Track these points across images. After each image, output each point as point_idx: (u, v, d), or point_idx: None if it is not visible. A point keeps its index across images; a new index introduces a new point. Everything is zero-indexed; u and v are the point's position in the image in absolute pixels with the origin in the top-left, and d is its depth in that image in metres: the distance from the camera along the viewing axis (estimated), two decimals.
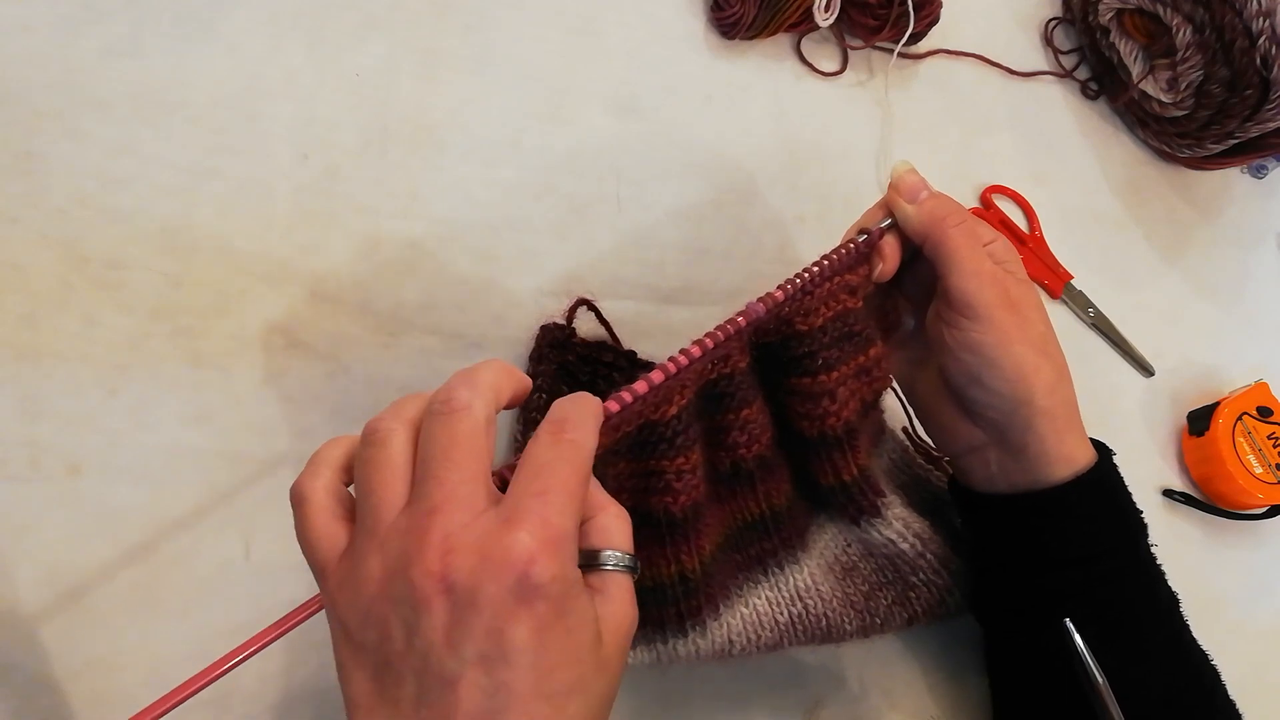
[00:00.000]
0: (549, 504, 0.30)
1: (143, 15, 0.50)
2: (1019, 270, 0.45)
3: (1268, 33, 0.59)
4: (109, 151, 0.47)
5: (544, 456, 0.31)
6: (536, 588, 0.29)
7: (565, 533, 0.30)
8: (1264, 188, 0.76)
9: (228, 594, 0.43)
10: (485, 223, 0.52)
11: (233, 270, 0.47)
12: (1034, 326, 0.43)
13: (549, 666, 0.29)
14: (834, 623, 0.44)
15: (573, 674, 0.30)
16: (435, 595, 0.29)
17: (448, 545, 0.29)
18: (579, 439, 0.32)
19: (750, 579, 0.44)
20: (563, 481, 0.31)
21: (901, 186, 0.45)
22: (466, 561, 0.29)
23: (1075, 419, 0.44)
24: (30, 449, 0.42)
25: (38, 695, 0.40)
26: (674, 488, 0.38)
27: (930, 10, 0.64)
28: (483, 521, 0.30)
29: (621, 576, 0.33)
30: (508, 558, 0.29)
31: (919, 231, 0.44)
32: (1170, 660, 0.42)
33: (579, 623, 0.30)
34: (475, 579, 0.29)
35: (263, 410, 0.46)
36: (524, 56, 0.57)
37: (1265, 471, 0.61)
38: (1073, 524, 0.43)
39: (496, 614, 0.29)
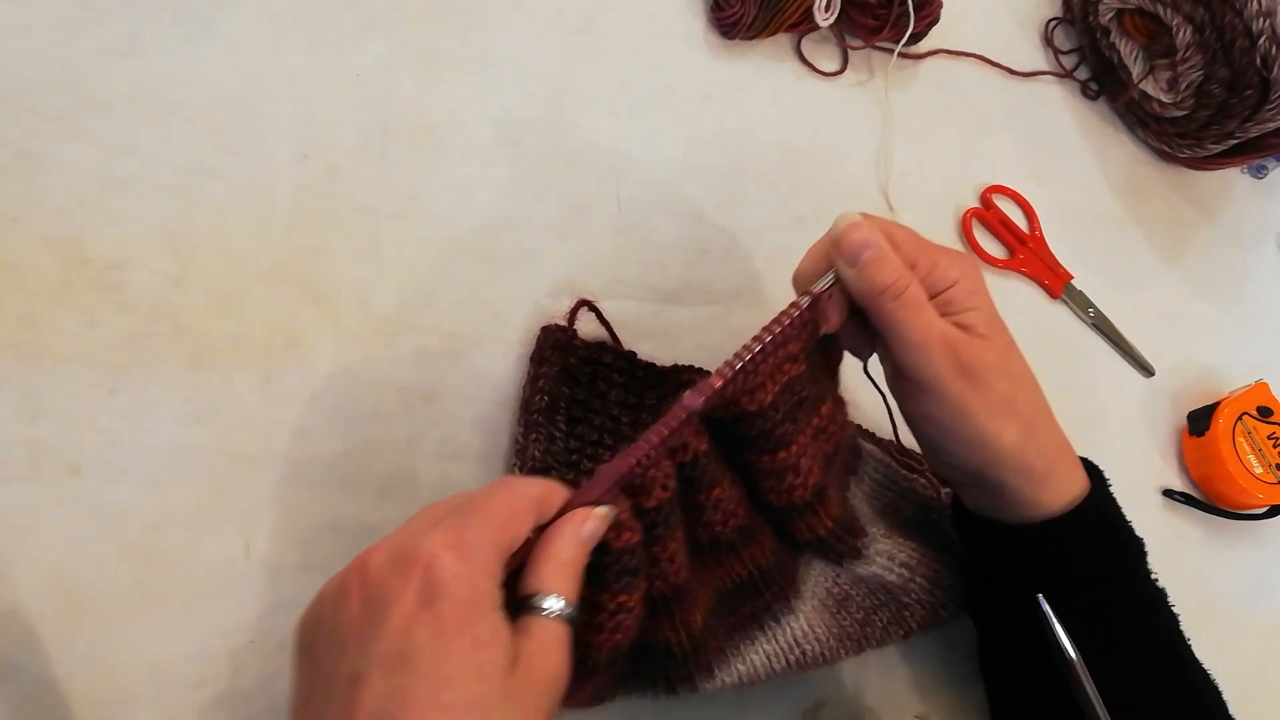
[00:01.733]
0: (468, 518, 0.32)
1: (143, 15, 0.50)
2: (981, 311, 0.41)
3: (1268, 33, 0.59)
4: (109, 152, 0.47)
5: (484, 490, 0.34)
6: (438, 584, 0.30)
7: (477, 543, 0.31)
8: (1264, 188, 0.76)
9: (227, 593, 0.43)
10: (485, 223, 0.52)
11: (233, 270, 0.47)
12: (993, 389, 0.40)
13: (446, 676, 0.29)
14: (831, 656, 0.44)
15: (472, 690, 0.29)
16: (354, 589, 0.31)
17: (376, 547, 0.32)
18: (520, 483, 0.35)
19: (747, 638, 0.44)
20: (490, 506, 0.33)
21: (842, 247, 0.40)
22: (381, 558, 0.31)
23: (1056, 461, 0.42)
24: (30, 449, 0.42)
25: (37, 695, 0.40)
26: (611, 625, 0.37)
27: (930, 10, 0.64)
28: (412, 531, 0.32)
29: (550, 623, 0.33)
30: (416, 554, 0.30)
31: (859, 299, 0.41)
32: (1169, 677, 0.42)
33: (487, 639, 0.30)
34: (383, 574, 0.31)
35: (262, 410, 0.46)
36: (524, 56, 0.57)
37: (1265, 471, 0.61)
38: (1067, 554, 0.42)
39: (403, 613, 0.30)
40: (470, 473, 0.47)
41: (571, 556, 0.34)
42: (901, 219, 0.62)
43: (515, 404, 0.49)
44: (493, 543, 0.32)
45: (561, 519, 0.35)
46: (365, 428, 0.47)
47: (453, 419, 0.48)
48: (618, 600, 0.36)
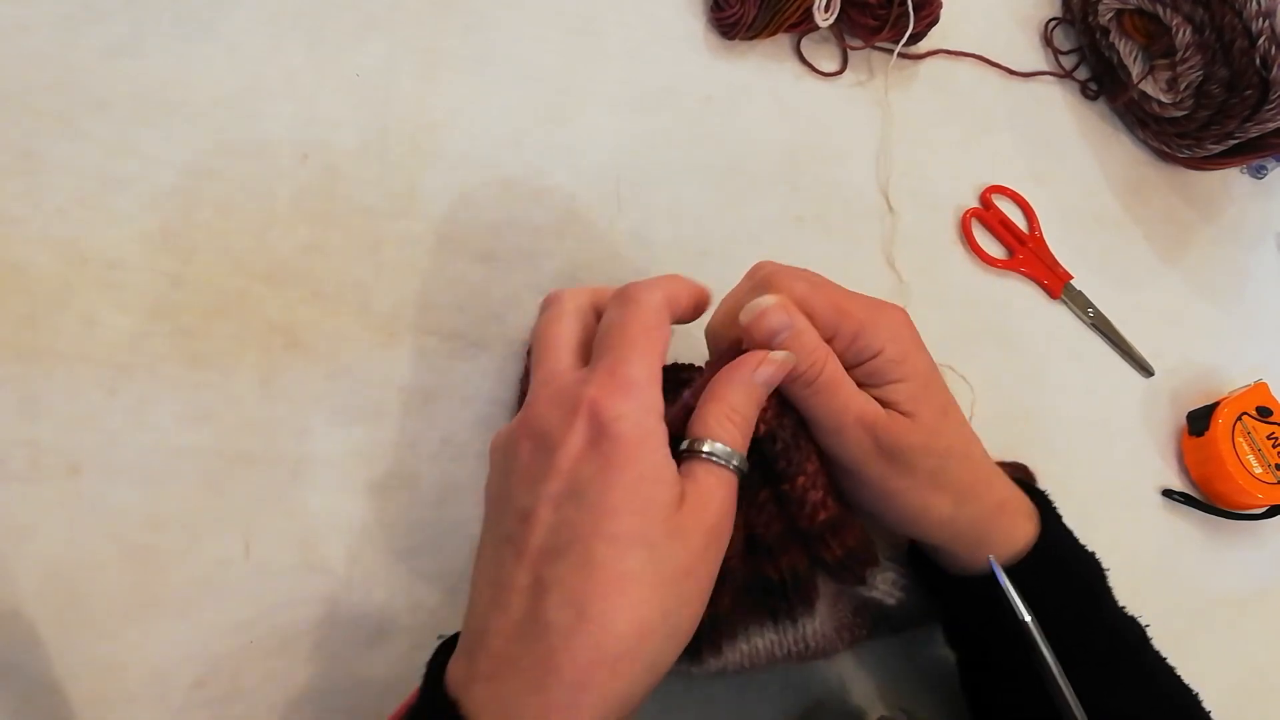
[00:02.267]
0: (615, 356, 0.33)
1: (143, 15, 0.50)
2: (907, 383, 0.38)
3: (1267, 33, 0.59)
4: (109, 151, 0.47)
5: (608, 321, 0.35)
6: (603, 426, 0.31)
7: (631, 379, 0.32)
8: (1263, 188, 0.76)
9: (227, 594, 0.43)
10: (485, 223, 0.52)
11: (232, 270, 0.47)
12: (917, 468, 0.38)
13: (610, 508, 0.30)
14: (830, 649, 0.44)
15: (636, 523, 0.30)
16: (521, 437, 0.33)
17: (536, 397, 0.34)
18: (639, 295, 0.35)
19: (758, 624, 0.44)
20: (626, 335, 0.34)
21: (753, 335, 0.37)
22: (544, 406, 0.33)
23: (993, 522, 0.40)
24: (30, 449, 0.42)
25: (37, 695, 0.40)
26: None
27: (930, 10, 0.64)
28: (571, 377, 0.34)
29: (716, 468, 0.33)
30: (580, 399, 0.32)
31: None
32: (1146, 701, 0.41)
33: (650, 474, 0.31)
34: (550, 420, 0.32)
35: (262, 410, 0.46)
36: (524, 56, 0.57)
37: (1265, 471, 0.61)
38: (1026, 598, 0.40)
39: (570, 454, 0.31)
40: (470, 473, 0.47)
41: (742, 402, 0.35)
42: (901, 219, 0.62)
43: (515, 404, 0.49)
44: (648, 374, 0.33)
45: (735, 362, 0.36)
46: (365, 428, 0.47)
47: (453, 419, 0.48)
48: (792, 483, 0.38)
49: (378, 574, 0.45)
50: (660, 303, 0.35)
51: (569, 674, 0.29)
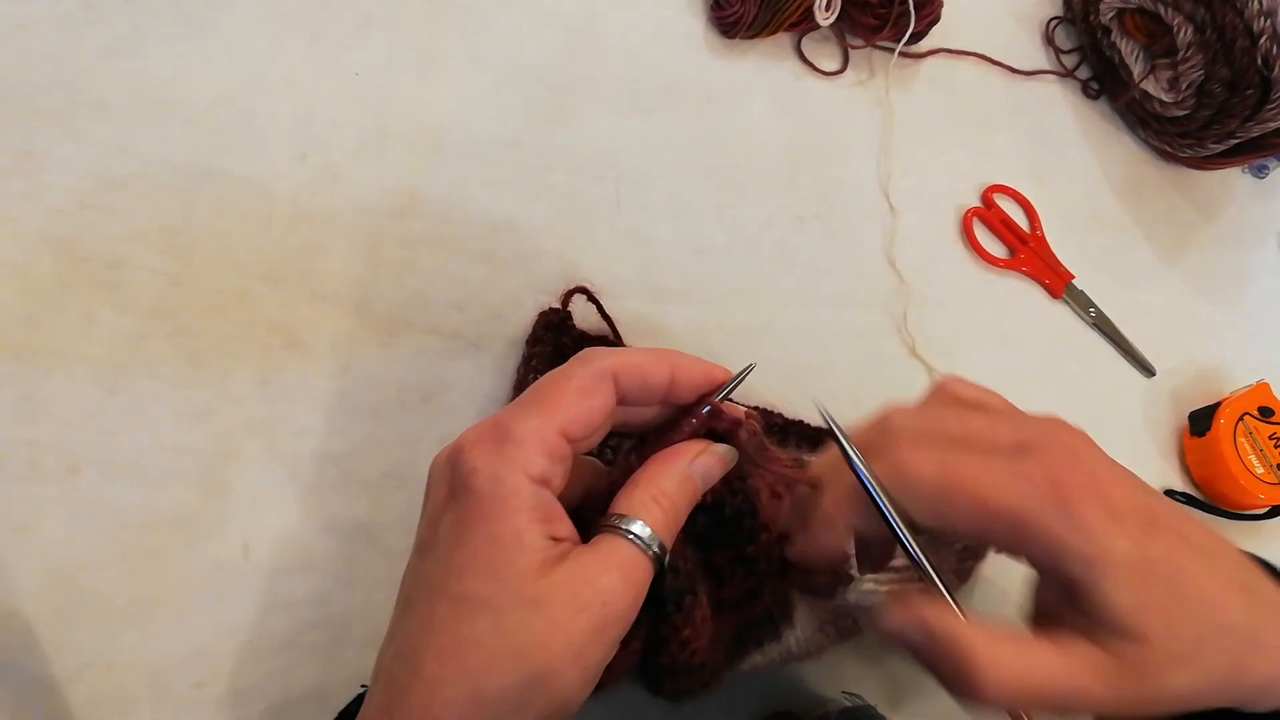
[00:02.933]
0: (511, 408, 0.31)
1: (142, 15, 0.50)
2: (1119, 563, 0.29)
3: (1269, 32, 0.59)
4: (108, 151, 0.47)
5: (554, 371, 0.32)
6: (461, 477, 0.29)
7: (509, 433, 0.30)
8: (1265, 187, 0.76)
9: (227, 594, 0.43)
10: (484, 222, 0.52)
11: (232, 270, 0.47)
12: (1168, 696, 0.30)
13: (459, 566, 0.29)
14: (815, 649, 0.44)
15: (483, 587, 0.28)
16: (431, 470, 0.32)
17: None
18: (584, 356, 0.32)
19: (745, 657, 0.43)
20: (537, 391, 0.31)
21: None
22: (447, 448, 0.31)
23: (1265, 687, 0.31)
24: (29, 449, 0.42)
25: (37, 695, 0.40)
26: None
27: (931, 9, 0.64)
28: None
29: (625, 543, 0.30)
30: (458, 445, 0.30)
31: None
32: None
33: (506, 537, 0.29)
34: (439, 463, 0.31)
35: (262, 410, 0.46)
36: (524, 56, 0.57)
37: (1267, 472, 0.61)
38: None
39: (436, 503, 0.30)
40: None
41: (672, 488, 0.32)
42: (902, 218, 0.62)
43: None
44: (533, 432, 0.30)
45: (673, 450, 0.33)
46: (365, 427, 0.47)
47: (452, 419, 0.48)
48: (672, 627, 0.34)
49: (377, 574, 0.45)
50: (600, 370, 0.31)
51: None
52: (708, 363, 0.34)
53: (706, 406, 0.33)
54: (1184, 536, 0.31)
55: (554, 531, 0.30)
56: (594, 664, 0.29)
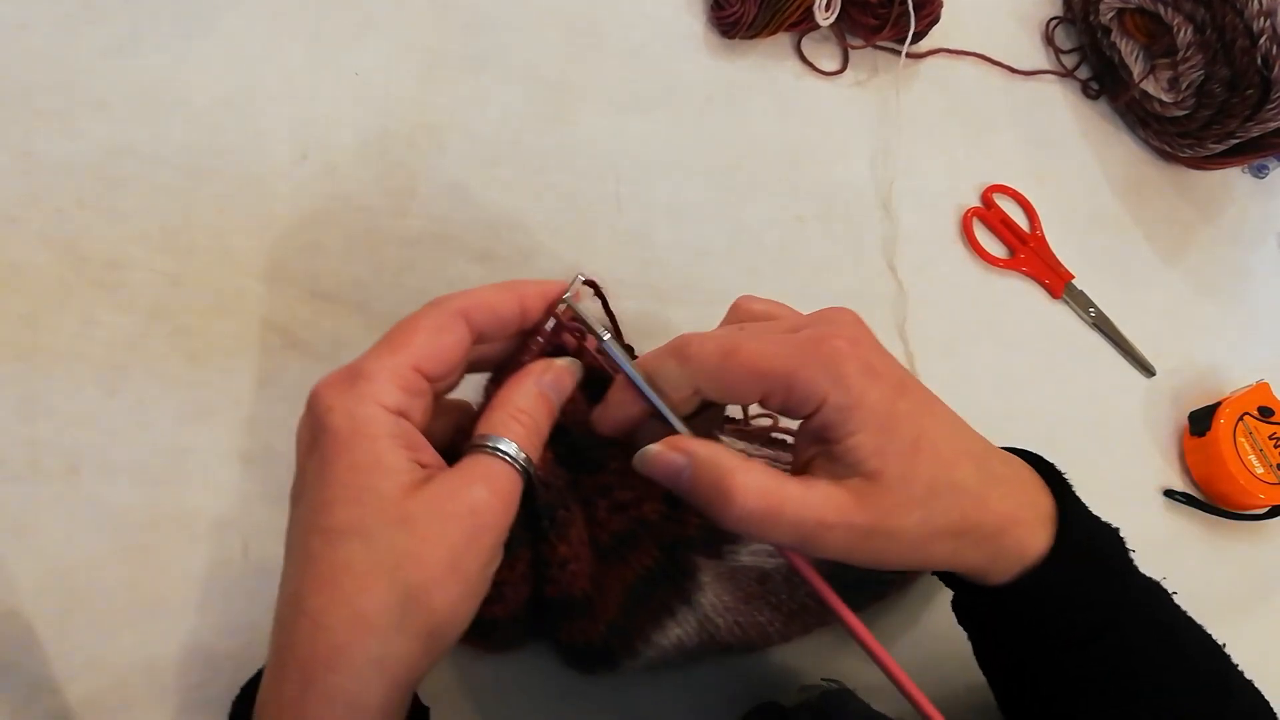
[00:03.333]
0: (361, 356, 0.32)
1: (142, 15, 0.50)
2: (865, 432, 0.33)
3: (1268, 32, 0.59)
4: (108, 151, 0.47)
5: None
6: (318, 419, 0.30)
7: (359, 370, 0.31)
8: (1265, 187, 0.76)
9: (226, 594, 0.43)
10: (484, 222, 0.52)
11: (231, 270, 0.47)
12: (902, 532, 0.34)
13: (325, 501, 0.29)
14: (751, 629, 0.44)
15: (350, 514, 0.29)
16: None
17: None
18: (439, 299, 0.33)
19: (658, 624, 0.42)
20: (384, 338, 0.32)
21: (657, 480, 0.35)
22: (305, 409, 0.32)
23: (998, 541, 0.36)
24: (29, 449, 0.42)
25: (36, 694, 0.40)
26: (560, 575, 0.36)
27: (931, 9, 0.64)
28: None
29: (487, 458, 0.32)
30: (308, 398, 0.31)
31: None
32: (1176, 660, 0.39)
33: (366, 463, 0.30)
34: (301, 422, 0.32)
35: (261, 409, 0.46)
36: (524, 55, 0.57)
37: (1266, 471, 0.61)
38: (1034, 618, 0.37)
39: (301, 453, 0.31)
40: None
41: (529, 405, 0.33)
42: (902, 218, 0.62)
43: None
44: (385, 368, 0.31)
45: (521, 372, 0.35)
46: None
47: None
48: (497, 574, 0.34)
49: None
50: (450, 309, 0.33)
51: (293, 671, 0.29)
52: (551, 282, 0.36)
53: (550, 322, 0.36)
54: (930, 408, 0.35)
55: (418, 458, 0.31)
56: (474, 574, 0.30)
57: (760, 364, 0.33)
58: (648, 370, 0.35)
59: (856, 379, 0.33)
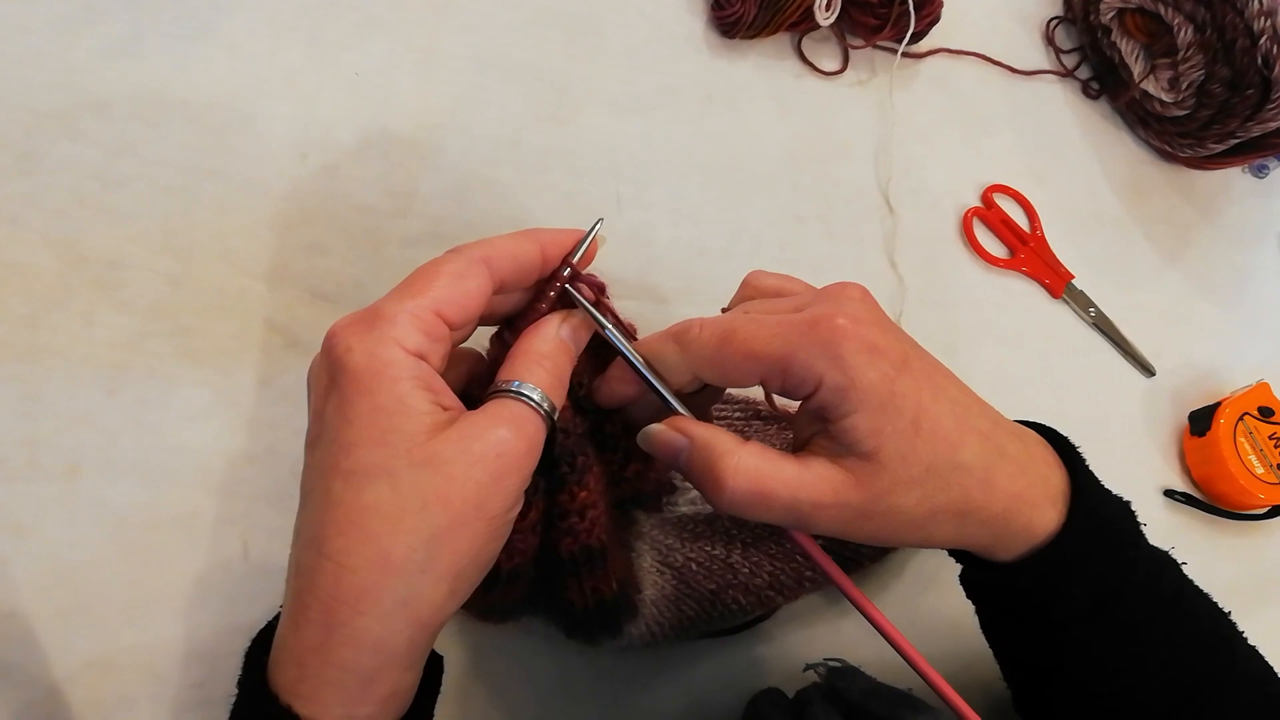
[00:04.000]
0: (383, 297, 0.31)
1: (142, 15, 0.50)
2: (860, 413, 0.33)
3: (1269, 32, 0.59)
4: (108, 151, 0.47)
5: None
6: (337, 360, 0.30)
7: (378, 313, 0.31)
8: (1265, 187, 0.76)
9: (227, 594, 0.43)
10: (484, 222, 0.52)
11: (232, 270, 0.47)
12: (900, 511, 0.34)
13: (347, 442, 0.29)
14: (713, 564, 0.44)
15: (374, 455, 0.29)
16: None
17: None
18: (461, 247, 0.33)
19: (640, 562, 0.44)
20: (404, 282, 0.32)
21: (658, 456, 0.36)
22: (318, 353, 0.32)
23: (1004, 521, 0.36)
24: (30, 448, 0.42)
25: (37, 694, 0.40)
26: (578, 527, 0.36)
27: (931, 9, 0.64)
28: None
29: (510, 400, 0.32)
30: (324, 341, 0.31)
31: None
32: (1185, 630, 0.39)
33: (389, 404, 0.29)
34: (315, 366, 0.32)
35: (262, 409, 0.46)
36: (523, 56, 0.57)
37: (1267, 471, 0.61)
38: (1043, 593, 0.37)
39: (318, 396, 0.31)
40: None
41: (549, 349, 0.34)
42: (902, 218, 0.62)
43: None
44: (405, 310, 0.31)
45: (539, 322, 0.35)
46: None
47: None
48: (580, 499, 0.35)
49: None
50: (471, 256, 0.33)
51: (315, 614, 0.29)
52: (568, 230, 0.36)
53: (566, 269, 0.36)
54: (935, 384, 0.35)
55: (439, 401, 0.31)
56: (498, 516, 0.30)
57: (756, 348, 0.33)
58: (649, 353, 0.35)
59: (854, 359, 0.32)
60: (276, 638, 0.31)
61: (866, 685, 0.41)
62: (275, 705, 0.29)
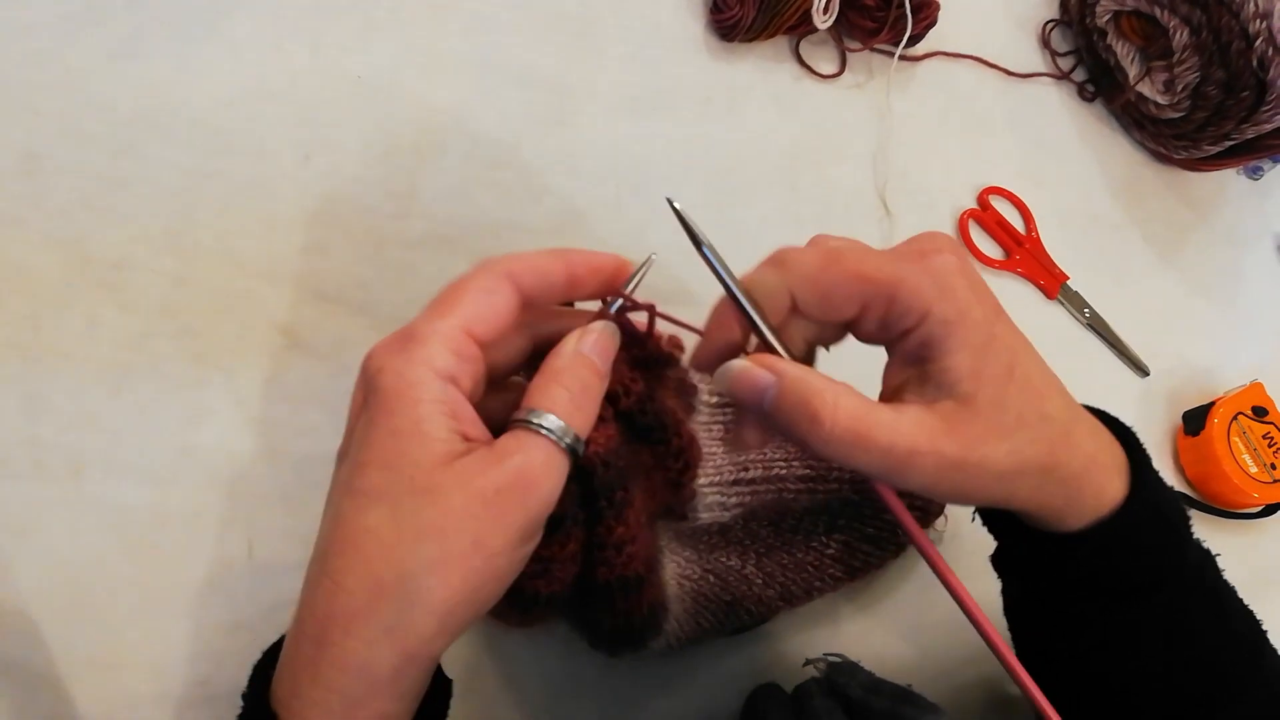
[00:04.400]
0: (415, 318, 0.32)
1: (145, 16, 0.50)
2: (964, 351, 0.32)
3: (1264, 35, 0.59)
4: (111, 152, 0.47)
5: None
6: (370, 379, 0.30)
7: (413, 333, 0.31)
8: (1260, 189, 0.77)
9: (230, 593, 0.43)
10: (485, 223, 0.53)
11: (235, 270, 0.47)
12: (990, 464, 0.33)
13: (363, 462, 0.29)
14: (728, 575, 0.44)
15: (381, 479, 0.29)
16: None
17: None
18: (468, 273, 0.33)
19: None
20: (436, 300, 0.32)
21: (740, 401, 0.33)
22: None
23: (1079, 482, 0.35)
24: (33, 449, 0.43)
25: (39, 694, 0.40)
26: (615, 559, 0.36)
27: (928, 12, 0.64)
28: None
29: (526, 433, 0.31)
30: (364, 359, 0.31)
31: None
32: (1218, 624, 0.40)
33: (407, 428, 0.29)
34: (358, 380, 0.32)
35: (264, 410, 0.46)
36: (524, 58, 0.57)
37: (1260, 471, 0.62)
38: (1099, 566, 0.36)
39: (353, 410, 0.32)
40: None
41: (566, 364, 0.32)
42: (899, 220, 0.63)
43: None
44: (437, 331, 0.30)
45: (563, 340, 0.34)
46: None
47: None
48: (547, 550, 0.34)
49: None
50: (497, 271, 0.33)
51: (311, 629, 0.29)
52: (598, 254, 0.35)
53: (617, 302, 0.35)
54: (1022, 339, 0.35)
55: (463, 429, 0.30)
56: (499, 552, 0.29)
57: (866, 269, 0.32)
58: (747, 286, 0.34)
59: (964, 293, 0.32)
60: (282, 650, 0.31)
61: (867, 680, 0.42)
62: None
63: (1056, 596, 0.39)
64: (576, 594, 0.38)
